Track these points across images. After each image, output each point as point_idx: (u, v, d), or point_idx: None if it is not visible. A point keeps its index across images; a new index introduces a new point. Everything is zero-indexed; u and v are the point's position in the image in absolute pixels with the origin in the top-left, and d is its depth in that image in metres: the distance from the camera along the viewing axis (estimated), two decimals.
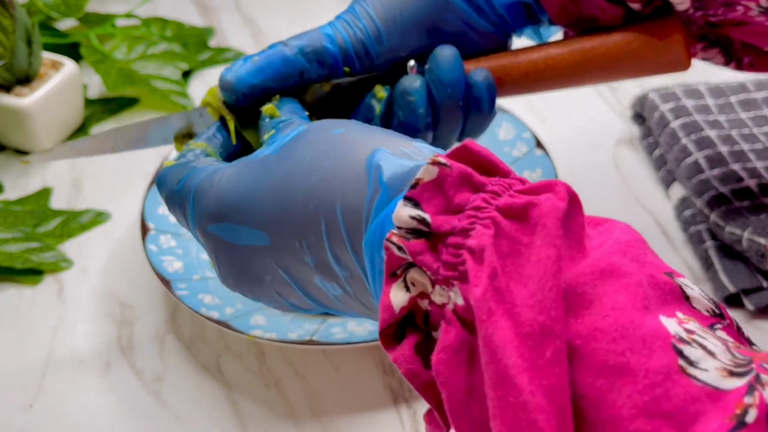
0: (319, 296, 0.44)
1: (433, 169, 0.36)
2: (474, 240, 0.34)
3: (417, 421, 0.60)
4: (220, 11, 0.96)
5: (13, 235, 0.71)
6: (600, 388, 0.31)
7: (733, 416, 0.29)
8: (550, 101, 0.84)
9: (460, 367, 0.33)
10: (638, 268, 0.34)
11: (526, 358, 0.31)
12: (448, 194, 0.36)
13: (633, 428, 0.30)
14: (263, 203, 0.42)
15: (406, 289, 0.35)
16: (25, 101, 0.77)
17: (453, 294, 0.34)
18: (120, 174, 0.78)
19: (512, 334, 0.32)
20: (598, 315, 0.32)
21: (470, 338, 0.34)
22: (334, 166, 0.40)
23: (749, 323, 0.64)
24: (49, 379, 0.63)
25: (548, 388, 0.31)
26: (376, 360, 0.63)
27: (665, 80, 0.84)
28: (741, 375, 0.31)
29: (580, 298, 0.33)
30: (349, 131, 0.42)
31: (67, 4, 0.86)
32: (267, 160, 0.44)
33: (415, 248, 0.35)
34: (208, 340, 0.65)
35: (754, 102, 0.78)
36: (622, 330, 0.32)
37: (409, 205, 0.35)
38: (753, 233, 0.65)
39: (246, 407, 0.61)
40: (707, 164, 0.71)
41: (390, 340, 0.36)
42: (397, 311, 0.35)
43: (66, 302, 0.68)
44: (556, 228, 0.33)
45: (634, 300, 0.32)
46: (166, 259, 0.65)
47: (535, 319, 0.32)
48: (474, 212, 0.35)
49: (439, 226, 0.35)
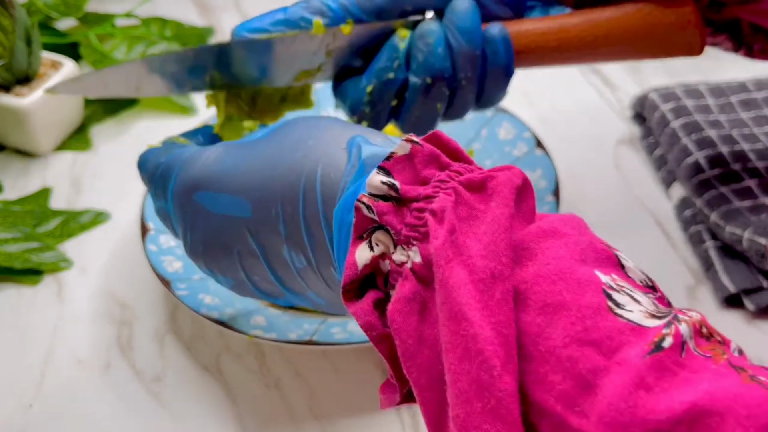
0: (283, 271, 0.46)
1: (407, 146, 0.40)
2: (436, 204, 0.38)
3: (417, 421, 0.60)
4: (220, 11, 0.96)
5: (12, 235, 0.71)
6: (539, 324, 0.35)
7: (651, 343, 0.34)
8: (551, 101, 0.84)
9: (412, 315, 0.37)
10: (578, 234, 0.38)
11: (477, 299, 0.35)
12: (417, 168, 0.40)
13: (565, 355, 0.34)
14: (247, 173, 0.46)
15: (370, 249, 0.39)
16: (24, 101, 0.77)
17: (412, 253, 0.38)
18: (120, 174, 0.78)
19: (467, 279, 0.36)
20: (540, 264, 0.37)
21: (423, 292, 0.37)
22: (318, 143, 0.44)
23: (749, 323, 0.64)
24: (49, 379, 0.63)
25: (496, 324, 0.35)
26: (376, 360, 0.63)
27: (665, 80, 0.84)
28: (662, 317, 0.35)
29: (526, 252, 0.37)
30: (334, 121, 0.46)
31: (67, 3, 0.86)
32: (255, 141, 0.47)
33: (382, 209, 0.39)
34: (208, 340, 0.65)
35: (755, 102, 0.78)
36: (561, 274, 0.36)
37: (382, 173, 0.40)
38: (753, 233, 0.65)
39: (246, 407, 0.61)
40: (707, 164, 0.71)
41: (351, 296, 0.39)
42: (360, 268, 0.39)
43: (66, 302, 0.68)
44: (510, 194, 0.38)
45: (572, 253, 0.37)
46: (166, 259, 0.65)
47: (487, 266, 0.36)
48: (438, 183, 0.39)
49: (406, 193, 0.39)
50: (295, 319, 0.63)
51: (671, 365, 0.33)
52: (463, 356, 0.35)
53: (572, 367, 0.34)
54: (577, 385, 0.34)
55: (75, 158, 0.80)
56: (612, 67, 0.87)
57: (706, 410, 0.32)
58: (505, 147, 0.74)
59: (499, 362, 0.34)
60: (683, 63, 0.87)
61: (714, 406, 0.32)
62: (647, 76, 0.86)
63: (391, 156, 0.40)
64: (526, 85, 0.85)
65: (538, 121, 0.81)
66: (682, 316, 0.35)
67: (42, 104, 0.77)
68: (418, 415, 0.60)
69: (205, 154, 0.49)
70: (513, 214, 0.38)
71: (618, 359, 0.34)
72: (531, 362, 0.35)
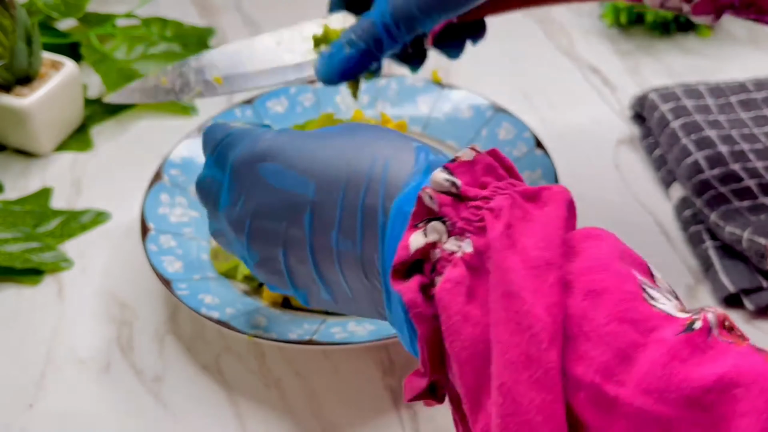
0: (322, 255, 0.48)
1: (471, 153, 0.44)
2: (494, 203, 0.42)
3: (417, 422, 0.60)
4: (221, 11, 0.96)
5: (13, 235, 0.71)
6: (584, 308, 0.38)
7: (683, 325, 0.37)
8: (551, 101, 0.84)
9: (459, 296, 0.40)
10: (616, 240, 0.42)
11: (531, 282, 0.38)
12: (477, 174, 0.44)
13: (606, 331, 0.37)
14: (316, 156, 0.48)
15: (424, 236, 0.42)
16: (25, 101, 0.77)
17: (464, 244, 0.41)
18: (120, 174, 0.78)
19: (521, 265, 0.39)
20: (585, 259, 0.40)
21: (471, 279, 0.40)
22: (388, 144, 0.47)
23: (749, 323, 0.64)
24: (49, 379, 0.63)
25: (547, 305, 0.38)
26: (376, 360, 0.63)
27: (665, 80, 0.84)
28: (690, 312, 0.39)
29: (572, 250, 0.40)
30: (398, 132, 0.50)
31: (67, 4, 0.86)
32: (326, 131, 0.50)
33: (443, 201, 0.42)
34: (208, 340, 0.65)
35: (754, 102, 0.78)
36: (604, 267, 0.39)
37: (446, 172, 0.43)
38: (753, 233, 0.65)
39: (246, 407, 0.61)
40: (707, 164, 0.71)
41: (400, 276, 0.42)
42: (411, 251, 0.42)
43: (66, 302, 0.68)
44: (563, 204, 0.42)
45: (613, 252, 0.40)
46: (166, 259, 0.65)
47: (541, 256, 0.39)
48: (496, 188, 0.43)
49: (466, 191, 0.43)
50: (295, 319, 0.63)
51: (701, 344, 0.37)
52: (514, 330, 0.38)
53: (612, 341, 0.37)
54: (616, 357, 0.37)
55: (75, 158, 0.80)
56: (612, 67, 0.87)
57: (734, 382, 0.35)
58: (505, 147, 0.74)
59: (547, 338, 0.37)
60: (683, 63, 0.87)
61: (740, 378, 0.35)
62: (647, 77, 0.86)
63: (455, 159, 0.44)
64: (526, 85, 0.85)
65: (538, 121, 0.81)
66: (709, 311, 0.38)
67: (42, 104, 0.77)
68: (418, 415, 0.60)
69: (275, 133, 0.51)
70: (566, 218, 0.41)
71: (654, 338, 0.37)
72: (573, 341, 0.38)
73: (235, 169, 0.51)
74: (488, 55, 0.80)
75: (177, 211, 0.70)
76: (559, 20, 0.93)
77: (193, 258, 0.67)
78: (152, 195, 0.70)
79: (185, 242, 0.68)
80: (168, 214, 0.69)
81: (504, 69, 0.87)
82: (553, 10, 0.94)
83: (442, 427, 0.59)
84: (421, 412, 0.60)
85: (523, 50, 0.90)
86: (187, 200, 0.71)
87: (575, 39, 0.91)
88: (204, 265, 0.67)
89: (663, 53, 0.88)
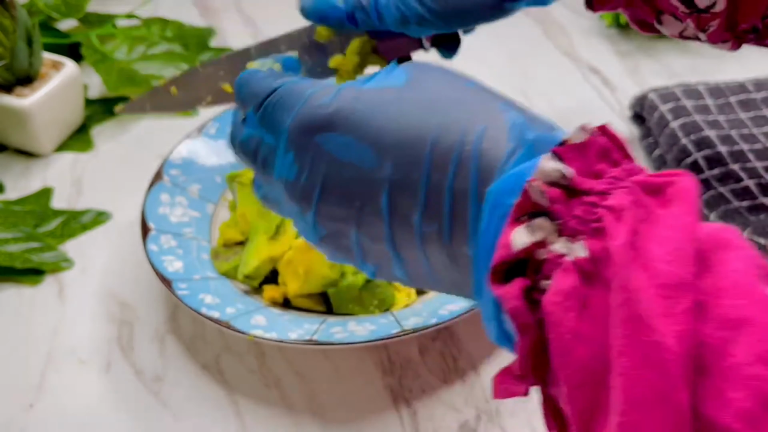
0: (402, 236, 0.43)
1: (582, 135, 0.39)
2: (614, 200, 0.36)
3: (417, 421, 0.60)
4: (221, 12, 0.96)
5: (13, 235, 0.71)
6: (721, 338, 0.33)
7: None
8: (550, 101, 0.84)
9: (571, 311, 0.35)
10: (748, 248, 0.37)
11: (660, 306, 0.34)
12: (590, 160, 0.38)
13: (750, 372, 0.33)
14: (390, 127, 0.42)
15: (531, 234, 0.37)
16: (25, 102, 0.77)
17: (576, 247, 0.36)
18: (121, 174, 0.78)
19: (648, 283, 0.34)
20: (719, 276, 0.35)
21: (585, 289, 0.36)
22: (474, 109, 0.42)
23: None
24: (49, 379, 0.63)
25: (679, 334, 0.33)
26: (376, 360, 0.63)
27: (664, 80, 0.84)
28: None
29: (702, 263, 0.35)
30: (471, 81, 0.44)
31: (68, 4, 0.86)
32: (393, 89, 0.44)
33: (555, 196, 0.37)
34: (208, 340, 0.65)
35: (754, 102, 0.78)
36: (743, 289, 0.34)
37: (555, 159, 0.38)
38: (753, 233, 0.65)
39: (246, 407, 0.61)
40: (706, 164, 0.71)
41: (499, 277, 0.37)
42: (515, 251, 0.37)
43: (66, 302, 0.68)
44: (694, 201, 0.36)
45: (749, 267, 0.35)
46: (166, 259, 0.65)
47: (672, 272, 0.34)
48: (613, 180, 0.38)
49: (578, 184, 0.37)
50: (296, 319, 0.63)
51: None
52: (642, 364, 0.34)
53: (757, 386, 0.33)
54: (762, 405, 0.33)
55: (76, 158, 0.80)
56: (611, 67, 0.87)
57: None
58: None
59: (679, 373, 0.33)
60: (683, 64, 0.87)
61: None
62: (646, 77, 0.86)
63: (565, 142, 0.39)
64: (525, 85, 0.85)
65: None
66: None
67: (43, 105, 0.77)
68: (418, 415, 0.60)
69: (332, 95, 0.45)
70: (698, 221, 0.36)
71: None
72: (708, 378, 0.33)
73: (293, 137, 0.45)
74: (488, 55, 0.80)
75: (177, 211, 0.70)
76: (559, 20, 0.93)
77: (193, 258, 0.67)
78: (152, 195, 0.70)
79: (185, 242, 0.68)
80: (168, 214, 0.69)
81: (504, 69, 0.87)
82: (553, 10, 0.94)
83: (442, 426, 0.59)
84: (420, 411, 0.60)
85: (523, 50, 0.90)
86: (188, 200, 0.71)
87: (575, 39, 0.91)
88: (204, 265, 0.67)
89: (662, 54, 0.88)
